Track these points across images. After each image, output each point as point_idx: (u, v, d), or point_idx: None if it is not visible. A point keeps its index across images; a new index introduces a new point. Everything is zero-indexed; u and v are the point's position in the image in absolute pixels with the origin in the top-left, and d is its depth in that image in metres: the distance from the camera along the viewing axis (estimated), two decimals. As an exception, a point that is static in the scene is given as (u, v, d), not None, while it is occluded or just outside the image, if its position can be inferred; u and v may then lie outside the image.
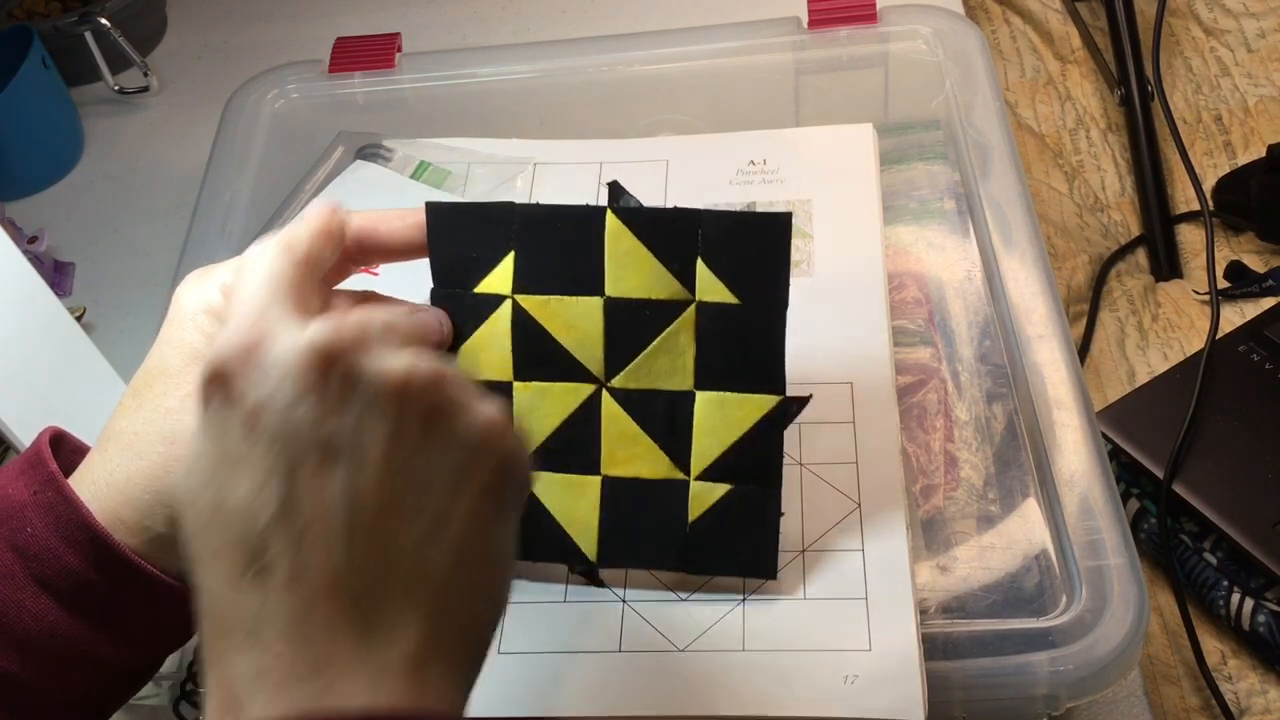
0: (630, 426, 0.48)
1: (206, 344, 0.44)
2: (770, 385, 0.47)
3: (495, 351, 0.48)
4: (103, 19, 0.91)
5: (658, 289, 0.47)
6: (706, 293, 0.47)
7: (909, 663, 0.45)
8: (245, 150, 0.72)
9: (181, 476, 0.37)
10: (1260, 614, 0.80)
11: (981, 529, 0.52)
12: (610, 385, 0.48)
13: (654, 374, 0.48)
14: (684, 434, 0.48)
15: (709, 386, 0.47)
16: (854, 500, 0.50)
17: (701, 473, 0.48)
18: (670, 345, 0.47)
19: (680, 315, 0.47)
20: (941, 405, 0.56)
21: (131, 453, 0.43)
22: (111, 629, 0.44)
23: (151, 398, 0.44)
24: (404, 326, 0.40)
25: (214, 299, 0.45)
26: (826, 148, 0.64)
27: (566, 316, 0.47)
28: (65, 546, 0.42)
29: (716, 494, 0.48)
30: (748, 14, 0.75)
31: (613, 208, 0.47)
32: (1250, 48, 1.22)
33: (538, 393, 0.48)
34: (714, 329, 0.47)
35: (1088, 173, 1.19)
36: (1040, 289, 0.58)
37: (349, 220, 0.46)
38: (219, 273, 0.45)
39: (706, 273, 0.47)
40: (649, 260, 0.47)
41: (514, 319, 0.48)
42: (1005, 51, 1.28)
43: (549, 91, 0.74)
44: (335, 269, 0.47)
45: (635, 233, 0.47)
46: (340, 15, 0.99)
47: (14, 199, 0.90)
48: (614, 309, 0.47)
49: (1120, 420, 0.87)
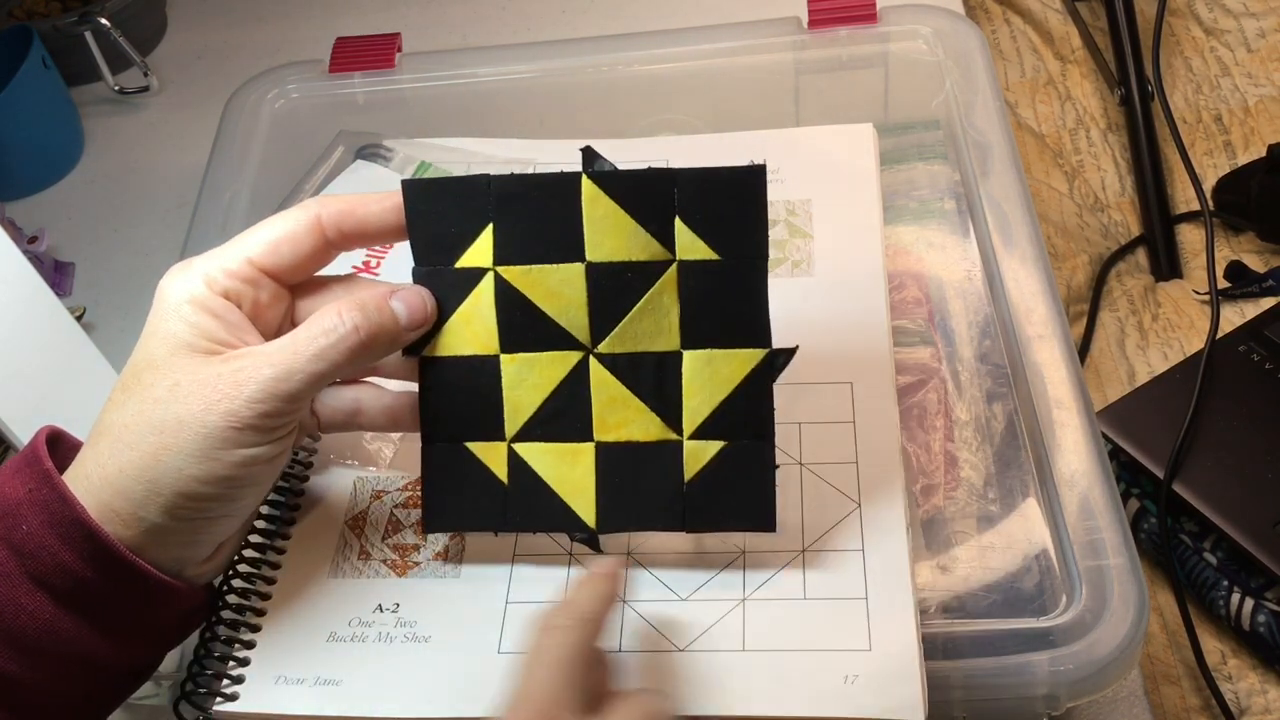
0: (620, 391, 0.48)
1: (191, 334, 0.44)
2: (756, 339, 0.47)
3: (480, 325, 0.48)
4: (103, 19, 0.91)
5: (638, 251, 0.47)
6: (686, 251, 0.47)
7: (909, 663, 0.45)
8: (245, 150, 0.72)
9: None
10: (1260, 614, 0.80)
11: (981, 529, 0.52)
12: (597, 351, 0.48)
13: (640, 336, 0.48)
14: (674, 394, 0.48)
15: (695, 345, 0.48)
16: (854, 500, 0.50)
17: (694, 431, 0.48)
18: (654, 306, 0.47)
19: (662, 275, 0.47)
20: (941, 405, 0.56)
21: (122, 444, 0.43)
22: (108, 626, 0.44)
23: (139, 389, 0.44)
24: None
25: (198, 290, 0.45)
26: (827, 148, 0.64)
27: (549, 285, 0.48)
28: (60, 543, 0.42)
29: (711, 451, 0.48)
30: (748, 14, 0.75)
31: (588, 172, 0.47)
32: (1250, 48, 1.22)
33: (525, 364, 0.48)
34: (696, 286, 0.47)
35: (1088, 173, 1.19)
36: (1040, 289, 0.58)
37: (329, 207, 0.47)
38: (201, 264, 0.46)
39: (685, 231, 0.47)
40: (627, 223, 0.47)
41: (497, 291, 0.48)
42: (1005, 51, 1.28)
43: (549, 91, 0.74)
44: (317, 256, 0.48)
45: (612, 196, 0.47)
46: (340, 15, 0.99)
47: (14, 199, 0.90)
48: (596, 274, 0.47)
49: (1120, 420, 0.87)
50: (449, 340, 0.49)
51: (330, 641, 0.49)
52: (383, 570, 0.51)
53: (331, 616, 0.50)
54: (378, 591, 0.51)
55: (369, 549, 0.52)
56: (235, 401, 0.43)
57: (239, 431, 0.43)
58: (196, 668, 0.49)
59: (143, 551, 0.44)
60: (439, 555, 0.52)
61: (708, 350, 0.48)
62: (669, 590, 0.49)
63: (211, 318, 0.45)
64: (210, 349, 0.44)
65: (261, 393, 0.43)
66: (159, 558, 0.44)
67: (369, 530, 0.53)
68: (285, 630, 0.50)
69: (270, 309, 0.47)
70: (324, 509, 0.54)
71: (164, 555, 0.44)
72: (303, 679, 0.48)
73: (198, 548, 0.46)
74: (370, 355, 0.46)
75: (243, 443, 0.43)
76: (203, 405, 0.43)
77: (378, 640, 0.49)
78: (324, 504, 0.54)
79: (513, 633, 0.49)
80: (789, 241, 0.60)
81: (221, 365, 0.44)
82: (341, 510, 0.54)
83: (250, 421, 0.43)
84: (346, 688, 0.48)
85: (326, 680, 0.48)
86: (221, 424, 0.43)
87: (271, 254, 0.47)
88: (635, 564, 0.50)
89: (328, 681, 0.48)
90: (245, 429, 0.43)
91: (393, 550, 0.52)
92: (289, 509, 0.53)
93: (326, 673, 0.48)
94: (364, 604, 0.50)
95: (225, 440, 0.43)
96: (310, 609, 0.50)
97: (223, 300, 0.45)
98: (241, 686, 0.48)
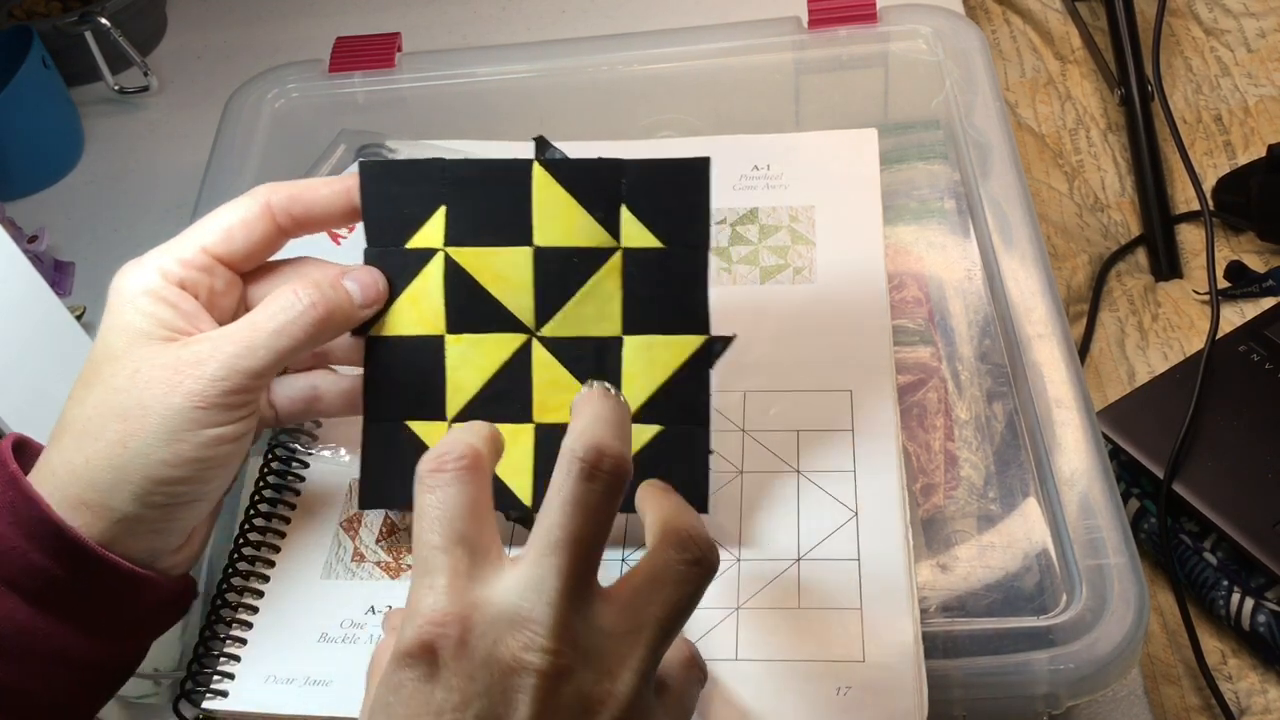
0: (561, 374, 0.49)
1: (148, 323, 0.45)
2: (695, 326, 0.48)
3: (428, 305, 0.49)
4: (103, 19, 0.91)
5: (584, 237, 0.48)
6: (631, 238, 0.48)
7: (904, 674, 0.45)
8: (245, 150, 0.72)
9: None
10: (1260, 614, 0.79)
11: (982, 528, 0.52)
12: (540, 334, 0.49)
13: (582, 321, 0.48)
14: (613, 378, 0.48)
15: (636, 331, 0.48)
16: (851, 509, 0.50)
17: (632, 415, 0.48)
18: (597, 292, 0.48)
19: (607, 262, 0.48)
20: (941, 404, 0.56)
21: (87, 436, 0.44)
22: (84, 623, 0.44)
23: (99, 381, 0.44)
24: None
25: (152, 281, 0.46)
26: (830, 153, 0.64)
27: (496, 267, 0.48)
28: (29, 544, 0.42)
29: (647, 435, 0.48)
30: (748, 14, 0.75)
31: (539, 159, 0.48)
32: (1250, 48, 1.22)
33: (470, 344, 0.49)
34: (639, 274, 0.48)
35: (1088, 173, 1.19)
36: (1040, 289, 0.58)
37: (278, 193, 0.47)
38: (154, 256, 0.47)
39: (631, 219, 0.48)
40: (575, 209, 0.48)
41: (446, 271, 0.49)
42: (1005, 51, 1.28)
43: (549, 91, 0.74)
44: (268, 241, 0.48)
45: (561, 183, 0.48)
46: (340, 15, 0.99)
47: (14, 199, 0.90)
48: (542, 258, 0.48)
49: (1120, 420, 0.87)
50: (396, 320, 0.50)
51: (321, 642, 0.49)
52: (376, 572, 0.51)
53: (323, 617, 0.50)
54: (370, 593, 0.51)
55: (362, 550, 0.52)
56: (199, 381, 0.43)
57: (204, 411, 0.43)
58: (196, 666, 0.49)
59: (114, 543, 0.44)
60: None
61: (648, 336, 0.48)
62: None
63: (167, 307, 0.45)
64: (168, 336, 0.45)
65: (224, 369, 0.44)
66: (131, 549, 0.44)
67: (363, 532, 0.53)
68: (277, 630, 0.50)
69: (225, 296, 0.48)
70: (318, 510, 0.54)
71: (136, 545, 0.44)
72: (293, 679, 0.48)
73: (169, 536, 0.46)
74: (327, 331, 0.47)
75: (208, 422, 0.44)
76: (165, 388, 0.43)
77: (369, 642, 0.49)
78: (318, 505, 0.54)
79: None
80: (791, 248, 0.60)
81: (181, 349, 0.44)
82: (335, 512, 0.54)
83: (214, 400, 0.44)
84: (336, 689, 0.48)
85: (317, 681, 0.48)
86: (186, 404, 0.43)
87: (224, 241, 0.47)
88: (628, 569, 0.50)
89: (318, 682, 0.48)
90: (210, 408, 0.44)
91: (386, 552, 0.52)
92: (284, 509, 0.53)
93: (317, 673, 0.48)
94: (356, 605, 0.50)
95: (190, 421, 0.43)
96: (302, 609, 0.50)
97: (178, 289, 0.46)
98: (232, 684, 0.48)
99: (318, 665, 0.49)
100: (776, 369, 0.55)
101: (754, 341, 0.56)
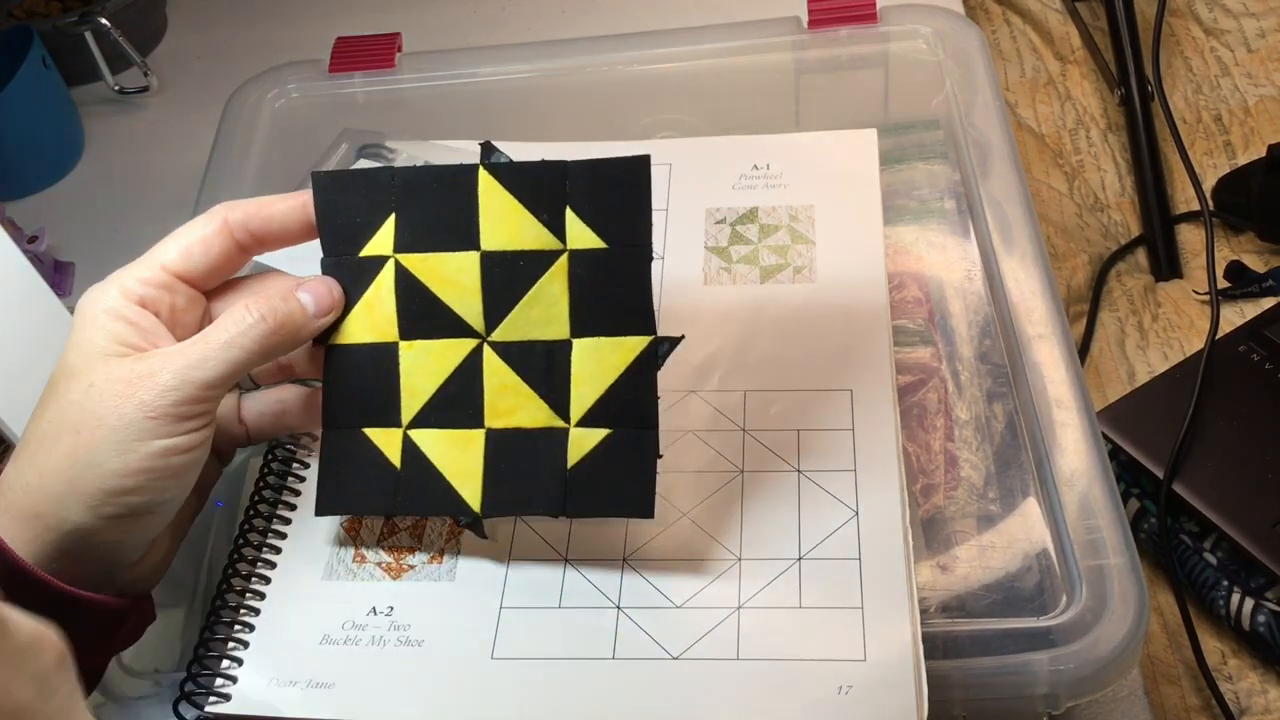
0: (511, 378, 0.49)
1: (106, 340, 0.45)
2: (641, 327, 0.48)
3: (381, 312, 0.49)
4: (103, 19, 0.91)
5: (530, 240, 0.48)
6: (576, 240, 0.48)
7: (904, 673, 0.45)
8: (245, 150, 0.72)
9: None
10: (1260, 614, 0.79)
11: (981, 528, 0.52)
12: (490, 339, 0.49)
13: (530, 324, 0.49)
14: (562, 382, 0.48)
15: (584, 333, 0.48)
16: (852, 509, 0.50)
17: (580, 419, 0.48)
18: (544, 295, 0.48)
19: (553, 264, 0.48)
20: (941, 404, 0.56)
21: (42, 451, 0.44)
22: None
23: (56, 397, 0.45)
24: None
25: (113, 300, 0.46)
26: (830, 153, 0.64)
27: (445, 273, 0.49)
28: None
29: (595, 439, 0.48)
30: (748, 14, 0.75)
31: (484, 164, 0.48)
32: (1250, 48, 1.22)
33: (423, 350, 0.49)
34: (585, 276, 0.48)
35: (1088, 173, 1.19)
36: (1040, 289, 0.58)
37: (235, 210, 0.48)
38: (117, 276, 0.48)
39: (575, 220, 0.48)
40: (520, 212, 0.48)
41: (397, 279, 0.49)
42: (1005, 51, 1.28)
43: (549, 91, 0.74)
44: (228, 258, 0.49)
45: (506, 187, 0.48)
46: (340, 15, 0.99)
47: (14, 199, 0.90)
48: (489, 263, 0.48)
49: (1120, 420, 0.87)
50: (352, 328, 0.50)
51: (323, 644, 0.49)
52: (377, 573, 0.51)
53: (325, 619, 0.50)
54: (372, 594, 0.51)
55: (364, 552, 0.52)
56: (150, 392, 0.44)
57: (155, 421, 0.44)
58: (197, 668, 0.49)
59: (68, 557, 0.44)
60: (434, 559, 0.52)
61: (595, 338, 0.48)
62: (664, 597, 0.49)
63: (126, 324, 0.46)
64: (124, 352, 0.45)
65: (175, 379, 0.44)
66: (85, 564, 0.44)
67: (364, 533, 0.53)
68: (278, 632, 0.50)
69: (186, 313, 0.49)
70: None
71: (91, 559, 0.45)
72: (295, 681, 0.48)
73: (124, 550, 0.46)
74: (279, 344, 0.47)
75: (159, 433, 0.44)
76: (118, 400, 0.44)
77: (371, 644, 0.49)
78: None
79: (507, 638, 0.49)
80: (791, 247, 0.60)
81: (135, 363, 0.45)
82: None
83: (165, 410, 0.44)
84: (339, 691, 0.48)
85: (319, 683, 0.48)
86: (137, 415, 0.44)
87: (183, 259, 0.48)
88: (630, 569, 0.50)
89: (320, 684, 0.48)
90: (160, 418, 0.44)
91: (387, 553, 0.52)
92: (284, 509, 0.53)
93: (319, 675, 0.48)
94: (358, 607, 0.50)
95: (141, 431, 0.44)
96: (304, 611, 0.50)
97: (137, 308, 0.47)
98: (234, 687, 0.48)
99: (321, 667, 0.49)
100: (776, 368, 0.55)
101: (754, 341, 0.56)
